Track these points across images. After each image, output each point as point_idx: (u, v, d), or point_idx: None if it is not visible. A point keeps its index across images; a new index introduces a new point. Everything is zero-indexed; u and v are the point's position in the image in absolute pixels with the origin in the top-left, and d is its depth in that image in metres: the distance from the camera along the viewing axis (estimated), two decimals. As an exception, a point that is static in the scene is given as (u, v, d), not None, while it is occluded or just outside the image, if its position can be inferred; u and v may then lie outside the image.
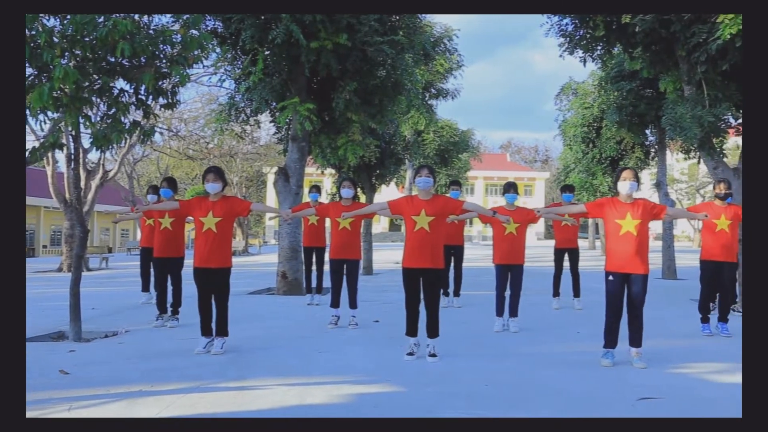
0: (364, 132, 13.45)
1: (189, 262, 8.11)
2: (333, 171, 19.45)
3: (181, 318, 8.95)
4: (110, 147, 7.09)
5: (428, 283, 6.54)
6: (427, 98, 20.24)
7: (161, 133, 30.70)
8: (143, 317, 9.55)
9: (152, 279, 10.50)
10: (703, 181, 44.86)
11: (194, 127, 31.51)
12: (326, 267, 10.01)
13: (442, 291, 10.16)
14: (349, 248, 8.63)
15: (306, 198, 12.03)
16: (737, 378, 5.86)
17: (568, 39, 12.05)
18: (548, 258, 22.72)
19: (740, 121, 12.24)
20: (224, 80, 13.05)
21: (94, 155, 25.56)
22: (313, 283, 11.59)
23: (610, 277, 6.37)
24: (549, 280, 11.42)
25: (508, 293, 8.56)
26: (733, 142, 19.12)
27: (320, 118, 12.61)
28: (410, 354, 6.62)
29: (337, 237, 8.65)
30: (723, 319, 8.41)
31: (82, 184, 20.34)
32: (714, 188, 8.63)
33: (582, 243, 21.81)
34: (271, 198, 61.96)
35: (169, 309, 8.89)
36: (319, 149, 13.60)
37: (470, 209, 6.84)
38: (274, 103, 12.80)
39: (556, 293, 11.03)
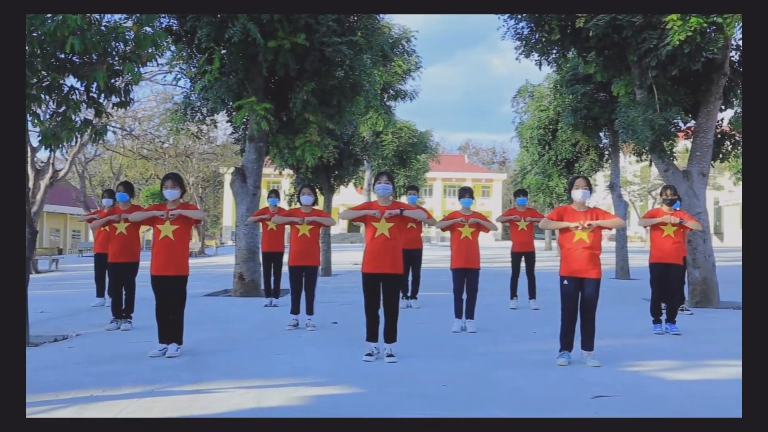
0: (322, 132, 13.44)
1: (144, 265, 8.04)
2: (291, 171, 19.33)
3: (135, 321, 8.82)
4: (60, 146, 6.94)
5: (388, 289, 6.60)
6: (385, 99, 20.31)
7: (114, 132, 30.02)
8: (95, 320, 9.37)
9: (107, 284, 10.44)
10: (654, 183, 45.98)
11: (149, 127, 30.90)
12: (285, 269, 9.95)
13: (401, 294, 10.34)
14: (308, 255, 8.64)
15: (264, 201, 11.92)
16: (688, 375, 6.05)
17: (524, 42, 12.26)
18: (505, 259, 22.98)
19: (689, 124, 12.63)
20: (179, 79, 12.89)
21: (43, 154, 24.88)
22: (272, 286, 11.48)
23: (565, 282, 6.51)
24: (506, 281, 11.55)
25: (465, 296, 8.65)
26: (683, 146, 19.65)
27: (278, 118, 12.55)
28: (369, 355, 6.64)
29: (296, 243, 8.67)
30: (671, 319, 8.66)
31: (30, 183, 19.75)
32: (661, 194, 8.87)
33: (538, 244, 22.12)
34: (228, 198, 61.23)
35: (123, 314, 8.74)
36: (276, 149, 13.55)
37: (414, 217, 6.79)
38: (231, 103, 12.70)
39: (513, 295, 11.17)
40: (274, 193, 11.35)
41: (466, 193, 8.74)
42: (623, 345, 7.61)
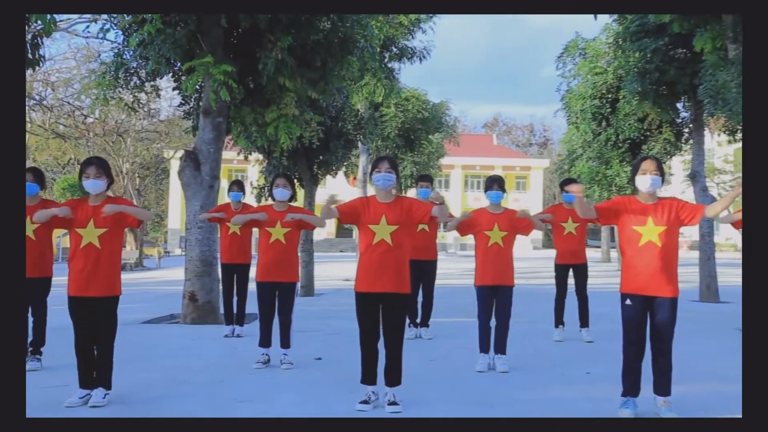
0: (301, 104, 13.41)
1: (58, 282, 8.01)
2: (260, 157, 19.45)
3: (46, 357, 8.75)
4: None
5: (390, 313, 6.62)
6: (386, 60, 20.32)
7: None
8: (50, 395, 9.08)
9: None
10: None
11: (66, 95, 30.98)
12: (252, 288, 9.93)
13: (408, 320, 10.44)
14: (282, 267, 8.68)
15: (224, 197, 11.91)
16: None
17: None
18: (547, 274, 22.95)
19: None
20: (108, 30, 12.81)
21: None
22: (234, 310, 11.48)
23: (628, 301, 6.44)
24: (548, 303, 11.54)
25: (494, 323, 8.65)
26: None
27: (242, 84, 12.54)
28: (365, 402, 6.64)
29: (267, 252, 8.70)
30: None
31: None
32: None
33: (592, 254, 22.10)
34: (176, 191, 61.27)
35: (28, 348, 8.63)
36: (241, 126, 13.59)
37: (436, 215, 6.79)
38: (179, 64, 12.72)
39: (558, 322, 11.17)
40: (237, 185, 11.32)
41: (494, 183, 8.68)
42: (711, 392, 7.56)
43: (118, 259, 6.91)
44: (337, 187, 57.58)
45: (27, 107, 31.38)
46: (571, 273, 11.08)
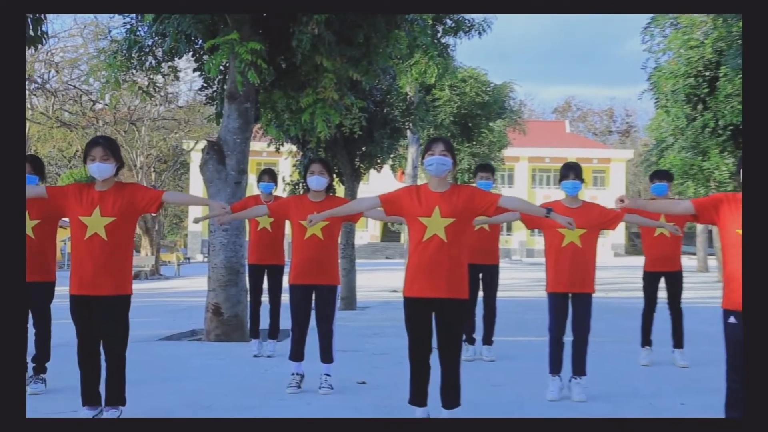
0: (341, 87, 13.38)
1: (61, 292, 8.01)
2: (293, 148, 19.69)
3: (50, 377, 8.76)
4: None
5: (444, 322, 6.60)
6: (440, 34, 20.20)
7: None
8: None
9: None
10: None
11: (72, 77, 31.32)
12: (285, 297, 10.00)
13: (465, 337, 10.29)
14: (321, 268, 8.64)
15: (253, 189, 11.96)
16: None
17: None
18: (632, 286, 22.69)
19: None
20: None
21: None
22: (264, 323, 11.53)
23: (732, 319, 6.29)
24: (633, 320, 11.46)
25: (568, 339, 8.59)
26: None
27: (273, 65, 12.55)
28: (416, 429, 6.65)
29: (302, 251, 8.65)
30: None
31: None
32: None
33: (686, 262, 21.77)
34: (197, 187, 61.72)
35: (30, 365, 8.72)
36: (271, 113, 13.63)
37: (509, 207, 6.86)
38: (200, 41, 12.77)
39: (646, 341, 11.07)
40: (269, 175, 11.27)
41: (570, 172, 8.57)
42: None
43: (130, 254, 6.98)
44: (383, 183, 57.39)
45: (28, 91, 31.71)
46: (662, 283, 10.94)
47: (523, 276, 31.86)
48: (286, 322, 10.18)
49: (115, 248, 6.80)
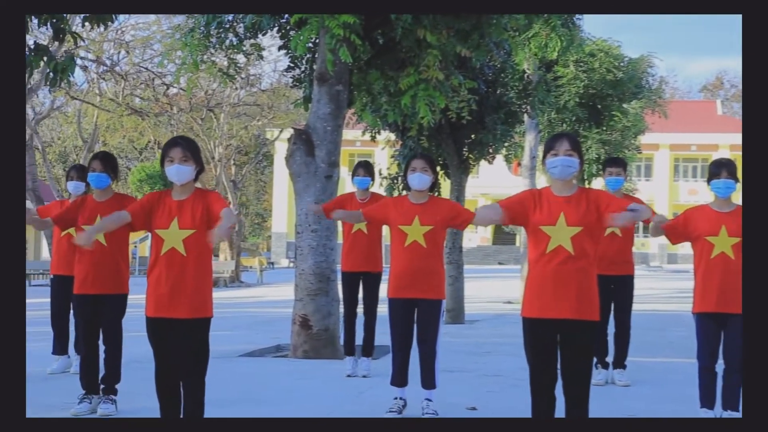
0: (448, 66, 13.11)
1: (135, 302, 8.21)
2: (392, 137, 19.61)
3: (122, 398, 8.77)
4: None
5: (571, 348, 6.38)
6: (564, 1, 19.67)
7: (85, 68, 30.33)
8: (52, 398, 9.23)
9: (72, 333, 10.51)
10: None
11: (143, 59, 31.17)
12: (381, 309, 9.88)
13: (595, 359, 10.12)
14: (423, 279, 8.46)
15: (346, 184, 11.49)
16: None
17: None
18: None
19: None
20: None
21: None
22: (360, 338, 11.40)
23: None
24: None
25: (721, 367, 8.02)
26: None
27: (369, 40, 12.32)
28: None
29: (402, 260, 8.54)
30: None
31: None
32: None
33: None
34: (282, 183, 61.98)
35: (100, 386, 8.81)
36: (367, 97, 13.67)
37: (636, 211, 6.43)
38: (286, 16, 12.65)
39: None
40: (365, 168, 11.11)
41: (722, 169, 7.95)
42: None
43: (209, 270, 7.04)
44: (495, 177, 55.97)
45: (96, 75, 31.49)
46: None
47: (663, 286, 31.69)
48: (382, 337, 10.47)
49: (195, 264, 6.89)
